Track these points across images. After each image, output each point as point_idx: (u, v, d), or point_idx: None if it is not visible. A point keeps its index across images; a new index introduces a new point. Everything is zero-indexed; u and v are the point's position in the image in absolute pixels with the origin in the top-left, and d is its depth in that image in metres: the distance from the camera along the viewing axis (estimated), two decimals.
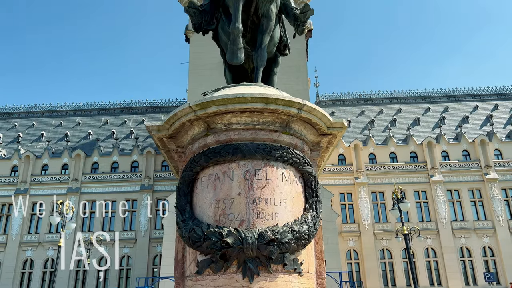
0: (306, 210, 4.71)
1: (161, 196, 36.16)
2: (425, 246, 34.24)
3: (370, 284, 33.14)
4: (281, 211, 4.49)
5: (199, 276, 4.32)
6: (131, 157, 37.95)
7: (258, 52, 6.08)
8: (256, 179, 4.44)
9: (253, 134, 4.61)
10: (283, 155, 4.64)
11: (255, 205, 4.39)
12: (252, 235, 4.23)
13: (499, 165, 36.22)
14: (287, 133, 4.78)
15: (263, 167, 4.53)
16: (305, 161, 4.89)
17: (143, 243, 34.82)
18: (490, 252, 34.21)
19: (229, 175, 4.47)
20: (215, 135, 4.69)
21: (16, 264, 34.49)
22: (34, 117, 42.34)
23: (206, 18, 6.52)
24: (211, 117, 4.60)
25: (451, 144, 37.30)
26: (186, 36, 33.59)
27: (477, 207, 35.46)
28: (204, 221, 4.48)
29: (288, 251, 4.36)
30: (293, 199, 4.68)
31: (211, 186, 4.54)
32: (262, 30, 6.14)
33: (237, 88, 4.98)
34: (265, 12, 6.10)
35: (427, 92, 42.51)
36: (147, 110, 42.72)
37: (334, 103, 42.37)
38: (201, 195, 4.66)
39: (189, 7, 6.48)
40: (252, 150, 4.49)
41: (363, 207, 35.26)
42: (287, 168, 4.70)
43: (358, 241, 34.56)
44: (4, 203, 36.53)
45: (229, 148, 4.48)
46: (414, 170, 36.36)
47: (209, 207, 4.55)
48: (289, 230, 4.37)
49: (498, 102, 41.24)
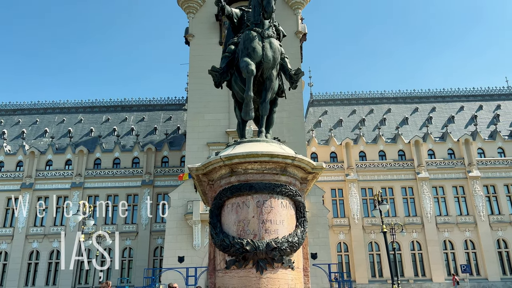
0: (296, 227, 6.88)
1: (161, 191, 38.01)
2: (410, 239, 36.44)
3: (359, 274, 35.32)
4: (280, 228, 6.69)
5: (227, 270, 6.53)
6: (132, 154, 39.60)
7: (263, 105, 8.13)
8: (264, 207, 6.59)
9: (262, 176, 6.81)
10: (282, 190, 6.85)
11: (263, 224, 6.55)
12: (262, 244, 6.42)
13: (482, 163, 38.37)
14: (284, 175, 7.02)
15: (268, 198, 6.70)
16: (297, 193, 7.04)
17: (144, 236, 36.65)
18: (471, 245, 36.48)
19: (246, 204, 6.63)
20: (236, 176, 6.88)
21: (22, 255, 36.23)
22: (37, 114, 43.77)
23: (223, 76, 8.39)
24: (234, 165, 6.85)
25: (437, 143, 39.36)
26: (186, 39, 35.03)
27: (460, 203, 37.65)
28: (230, 234, 6.64)
29: (285, 254, 6.53)
30: (288, 219, 6.86)
31: (234, 210, 6.71)
32: (266, 88, 8.10)
33: (251, 145, 7.19)
34: (269, 76, 8.07)
35: (416, 92, 44.47)
36: (147, 107, 44.28)
37: (327, 103, 44.20)
38: (227, 216, 6.82)
39: (212, 71, 8.26)
40: (262, 187, 6.67)
41: (353, 202, 37.31)
42: (284, 199, 6.88)
43: (348, 235, 36.65)
44: (10, 197, 38.14)
45: (246, 186, 6.69)
46: (402, 167, 38.41)
47: (233, 225, 6.71)
48: (286, 241, 6.57)
49: (482, 103, 43.32)
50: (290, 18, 33.93)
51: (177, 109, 44.33)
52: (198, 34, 34.29)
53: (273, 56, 8.03)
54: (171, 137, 41.21)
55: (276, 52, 8.10)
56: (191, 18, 34.75)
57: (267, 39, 8.01)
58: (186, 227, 30.19)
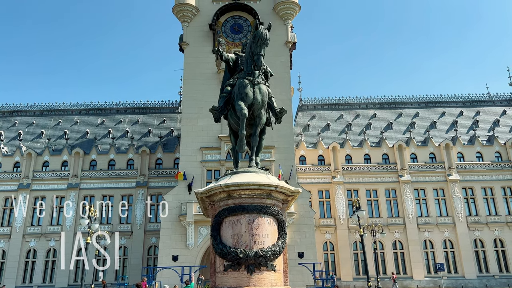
0: (278, 239, 8.79)
1: (155, 192, 39.42)
2: (393, 239, 38.42)
3: (344, 272, 37.20)
4: (266, 240, 8.57)
5: (225, 272, 8.42)
6: (127, 155, 40.94)
7: (253, 138, 10.17)
8: (253, 224, 8.47)
9: (252, 200, 8.63)
10: (267, 210, 8.70)
11: (253, 237, 8.42)
12: (252, 253, 8.28)
13: (461, 167, 40.46)
14: (269, 198, 8.92)
15: (257, 217, 8.52)
16: (279, 212, 8.93)
17: (138, 235, 38.07)
18: (450, 245, 38.56)
19: (240, 221, 8.50)
20: (232, 199, 8.74)
21: (20, 254, 37.42)
22: (33, 116, 44.83)
23: (222, 113, 10.36)
24: (231, 191, 8.70)
25: (419, 147, 41.34)
26: (180, 47, 36.40)
27: (440, 205, 39.70)
28: (227, 245, 8.44)
29: (269, 260, 8.37)
30: (272, 233, 8.73)
31: (230, 226, 8.58)
32: (256, 124, 10.06)
33: (244, 176, 9.00)
34: (258, 114, 10.04)
35: (400, 98, 46.43)
36: (142, 110, 45.58)
37: (315, 107, 45.95)
38: (225, 231, 8.64)
39: (213, 110, 10.12)
40: (252, 208, 8.50)
41: (339, 203, 39.13)
42: (269, 217, 8.72)
43: (334, 234, 38.48)
44: (8, 197, 39.27)
45: (240, 207, 8.52)
46: (386, 170, 40.33)
47: (230, 237, 8.53)
48: (270, 250, 8.44)
49: (463, 109, 45.44)
50: (280, 28, 35.47)
51: (171, 112, 45.71)
52: (192, 42, 35.72)
53: (262, 99, 9.97)
54: (165, 139, 42.61)
55: (264, 96, 10.04)
56: (185, 26, 36.13)
57: (257, 85, 9.96)
58: (180, 228, 31.73)
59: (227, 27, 36.08)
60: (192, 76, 34.97)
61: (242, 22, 36.18)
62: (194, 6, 36.09)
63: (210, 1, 36.71)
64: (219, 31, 35.73)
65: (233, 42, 35.68)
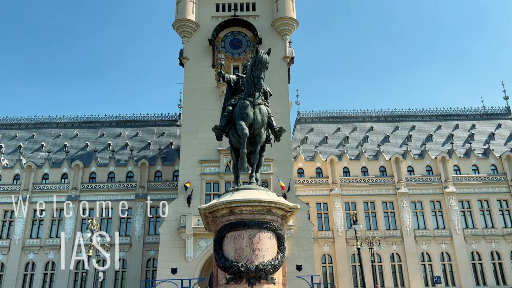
0: (277, 253, 9.23)
1: (154, 204, 39.50)
2: (391, 251, 38.64)
3: (342, 285, 37.30)
4: (266, 254, 8.98)
5: (227, 285, 8.79)
6: (126, 168, 41.24)
7: (253, 155, 10.75)
8: (254, 239, 8.91)
9: (253, 216, 9.09)
10: (267, 226, 9.17)
11: (253, 252, 8.84)
12: (252, 266, 8.70)
13: (457, 179, 40.88)
14: (269, 214, 9.37)
15: (257, 232, 8.98)
16: (278, 228, 9.38)
17: (137, 248, 38.18)
18: (447, 257, 38.79)
19: (241, 236, 8.94)
20: (234, 215, 9.17)
21: (18, 267, 37.44)
22: (34, 128, 45.22)
23: (223, 131, 10.91)
24: (233, 207, 9.14)
25: (416, 160, 41.80)
26: (180, 61, 37.03)
27: (437, 217, 40.02)
28: (229, 259, 8.84)
29: (269, 274, 8.82)
30: (271, 248, 9.14)
31: (232, 241, 9.00)
32: (256, 142, 10.64)
33: (245, 192, 9.43)
34: (258, 133, 10.61)
35: (397, 111, 47.06)
36: (141, 123, 46.05)
37: (313, 120, 46.51)
38: (227, 245, 9.07)
39: (215, 129, 10.67)
40: (253, 224, 8.97)
41: (337, 216, 39.40)
42: (269, 232, 9.17)
43: (332, 247, 38.67)
44: (7, 210, 39.43)
45: (241, 223, 8.97)
46: (383, 183, 40.71)
47: (232, 251, 8.95)
48: (270, 264, 8.86)
49: (459, 122, 46.08)
50: (278, 44, 36.17)
51: (170, 124, 46.19)
52: (192, 57, 36.35)
53: (262, 119, 10.56)
54: (164, 152, 42.99)
55: (264, 115, 10.64)
56: (185, 41, 36.79)
57: (257, 106, 10.55)
58: (179, 240, 31.93)
59: (227, 42, 36.78)
60: (192, 90, 35.51)
61: (241, 38, 36.89)
62: (194, 21, 36.81)
63: (210, 17, 37.46)
64: (219, 46, 36.41)
65: (232, 57, 36.37)
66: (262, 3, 37.98)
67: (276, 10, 37.23)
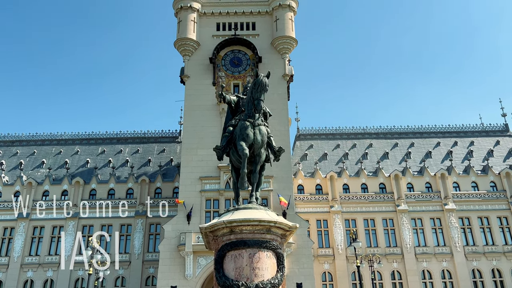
0: (277, 272, 9.26)
1: (154, 221, 39.54)
2: (391, 269, 38.42)
3: None
4: (266, 273, 9.03)
5: None
6: (126, 185, 41.30)
7: (253, 175, 11.03)
8: (254, 258, 9.00)
9: (253, 235, 9.19)
10: (267, 245, 9.25)
11: (253, 270, 8.92)
12: (252, 285, 8.74)
13: (457, 196, 40.92)
14: (269, 233, 9.48)
15: (257, 251, 9.06)
16: (278, 247, 9.49)
17: (136, 265, 37.97)
18: (448, 275, 38.55)
19: (242, 256, 9.05)
20: (235, 234, 9.33)
21: (17, 285, 37.16)
22: (35, 145, 45.45)
23: (224, 151, 11.21)
24: (233, 226, 9.32)
25: (415, 177, 41.92)
26: (181, 79, 37.51)
27: (437, 234, 39.91)
28: (229, 277, 8.92)
29: None
30: (271, 267, 9.22)
31: (232, 260, 9.11)
32: (256, 162, 10.92)
33: (245, 212, 9.64)
34: (258, 153, 10.91)
35: (396, 128, 47.40)
36: (142, 140, 46.32)
37: (312, 137, 46.80)
38: (228, 264, 9.16)
39: (216, 149, 10.94)
40: (253, 243, 9.07)
41: (337, 233, 39.31)
42: (269, 251, 9.26)
43: (332, 264, 38.46)
44: (6, 227, 39.35)
45: (242, 242, 9.08)
46: (383, 200, 40.73)
47: (232, 270, 9.02)
48: (269, 283, 8.92)
49: (457, 139, 46.36)
50: (278, 62, 36.77)
51: (171, 141, 46.45)
52: (193, 75, 36.86)
53: (262, 139, 10.86)
54: (164, 168, 43.11)
55: (263, 136, 10.94)
56: (186, 60, 37.35)
57: (257, 127, 10.87)
58: (179, 258, 31.83)
59: (227, 61, 37.34)
60: (192, 108, 35.90)
61: (241, 56, 37.47)
62: (195, 40, 37.43)
63: (211, 35, 38.11)
64: (219, 64, 36.96)
65: (232, 75, 36.89)
66: (262, 23, 38.70)
67: (276, 29, 37.90)
